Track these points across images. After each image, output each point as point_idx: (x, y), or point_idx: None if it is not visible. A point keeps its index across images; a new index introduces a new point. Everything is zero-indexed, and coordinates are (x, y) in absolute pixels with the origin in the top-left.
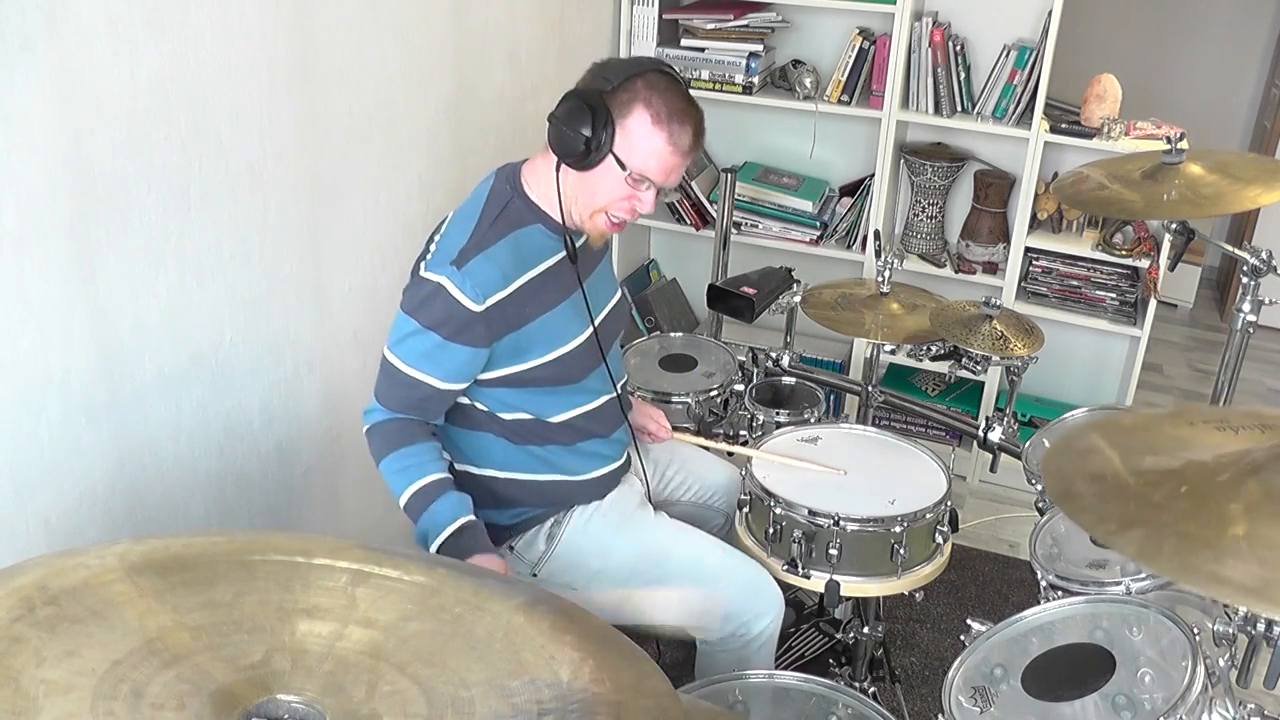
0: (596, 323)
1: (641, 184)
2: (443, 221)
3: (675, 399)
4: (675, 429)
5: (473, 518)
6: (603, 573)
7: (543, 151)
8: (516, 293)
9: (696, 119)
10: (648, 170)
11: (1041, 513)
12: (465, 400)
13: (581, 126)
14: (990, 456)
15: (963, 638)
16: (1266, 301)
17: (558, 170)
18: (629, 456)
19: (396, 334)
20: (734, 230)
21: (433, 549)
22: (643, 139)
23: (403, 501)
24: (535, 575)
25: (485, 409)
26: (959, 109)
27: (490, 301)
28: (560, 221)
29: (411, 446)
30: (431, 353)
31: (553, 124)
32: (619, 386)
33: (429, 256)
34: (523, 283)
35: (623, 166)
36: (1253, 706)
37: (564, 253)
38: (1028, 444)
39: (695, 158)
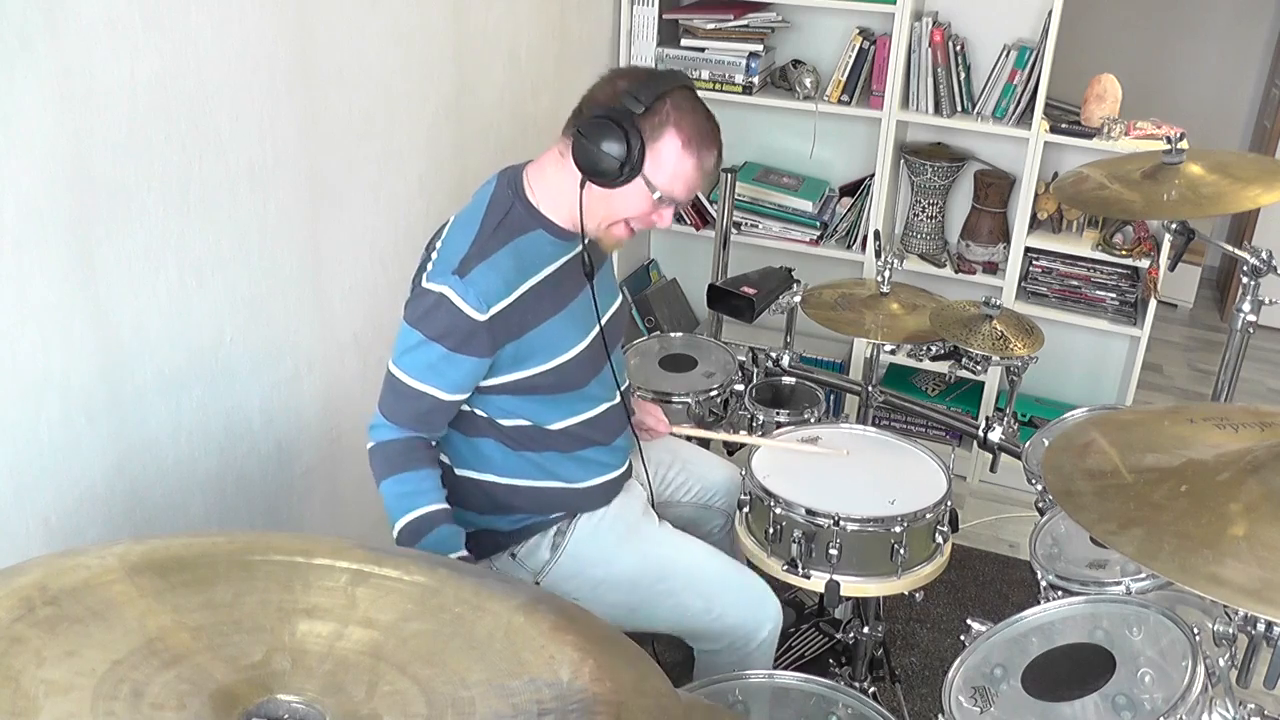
0: (598, 328)
1: (665, 202)
2: (442, 228)
3: (675, 399)
4: (675, 425)
5: (463, 553)
6: (605, 583)
7: (556, 158)
8: (519, 300)
9: (719, 139)
10: (674, 191)
11: (1041, 513)
12: (465, 406)
13: (613, 147)
14: (990, 456)
15: (963, 638)
16: (1266, 301)
17: (582, 186)
18: (631, 464)
19: (401, 347)
20: (734, 230)
21: None
22: (673, 162)
23: (397, 527)
24: (538, 584)
25: (485, 415)
26: (959, 109)
27: (493, 310)
28: (563, 227)
29: (412, 472)
30: (436, 364)
31: (580, 142)
32: (621, 393)
33: (430, 267)
34: (525, 290)
35: (652, 188)
36: (1253, 706)
37: (566, 259)
38: (1028, 444)
39: None
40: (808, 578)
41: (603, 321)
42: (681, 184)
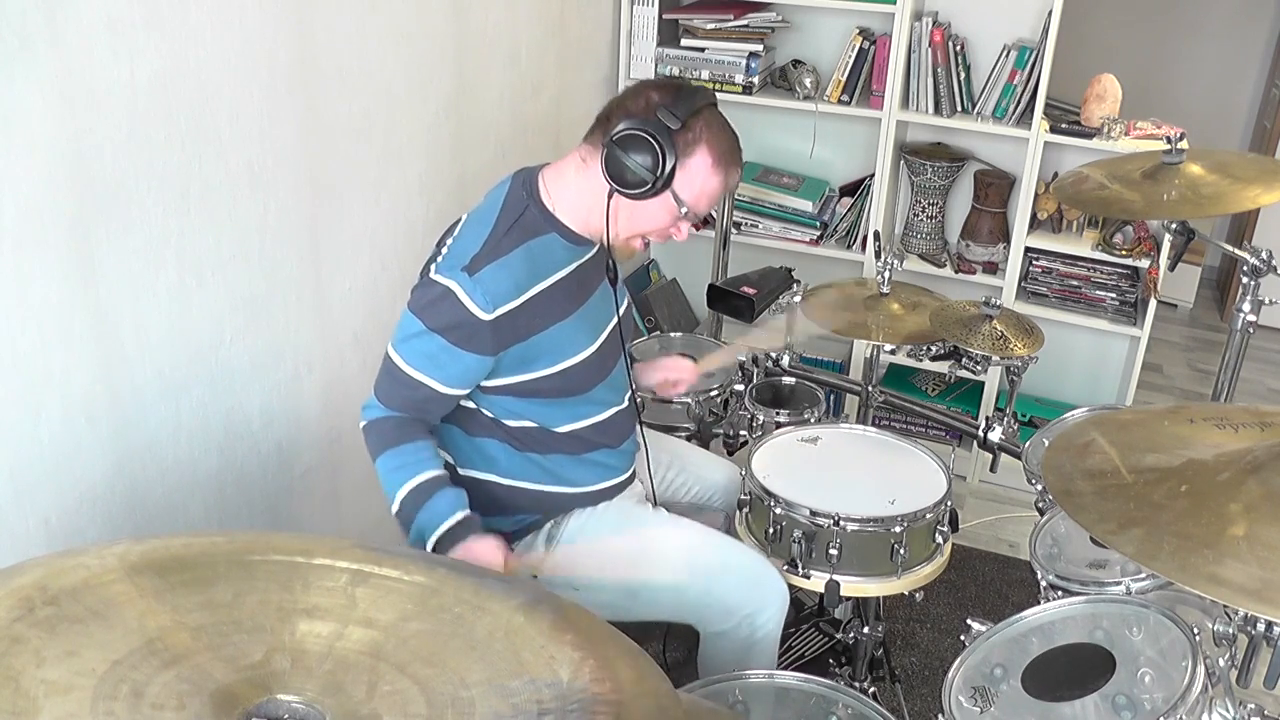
0: (607, 334)
1: (688, 217)
2: (455, 223)
3: (675, 399)
4: (698, 364)
5: (469, 512)
6: (603, 569)
7: (579, 164)
8: (528, 303)
9: (742, 158)
10: (698, 207)
11: (1041, 513)
12: (471, 405)
13: (646, 160)
14: (990, 456)
15: (963, 638)
16: (1266, 301)
17: (609, 197)
18: (635, 468)
19: (401, 333)
20: (734, 230)
21: (430, 543)
22: (702, 179)
23: (399, 498)
24: (535, 577)
25: (491, 415)
26: (959, 109)
27: (500, 311)
28: (577, 232)
29: (408, 444)
30: (435, 355)
31: (612, 152)
32: (628, 397)
33: (440, 259)
34: (535, 293)
35: (679, 203)
36: (1253, 706)
37: (578, 263)
38: (1028, 444)
39: None
40: (808, 578)
41: (610, 325)
42: (706, 200)
